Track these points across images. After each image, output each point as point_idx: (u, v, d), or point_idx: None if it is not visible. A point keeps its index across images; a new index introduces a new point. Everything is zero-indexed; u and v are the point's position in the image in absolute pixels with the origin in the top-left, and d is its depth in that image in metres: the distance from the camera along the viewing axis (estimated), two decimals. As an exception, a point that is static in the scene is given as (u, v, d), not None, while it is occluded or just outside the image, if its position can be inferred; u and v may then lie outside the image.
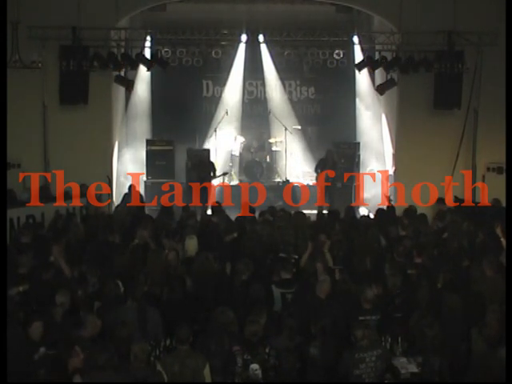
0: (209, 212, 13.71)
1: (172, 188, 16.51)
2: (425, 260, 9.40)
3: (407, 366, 6.72)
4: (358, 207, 16.59)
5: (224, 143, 17.50)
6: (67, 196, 13.66)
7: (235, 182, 17.57)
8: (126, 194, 15.21)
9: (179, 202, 15.63)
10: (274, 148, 17.73)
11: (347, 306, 7.90)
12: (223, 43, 16.34)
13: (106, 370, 6.26)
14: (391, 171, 16.52)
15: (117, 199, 15.37)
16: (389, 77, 15.42)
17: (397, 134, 15.90)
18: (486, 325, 7.00)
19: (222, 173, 16.00)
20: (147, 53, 15.60)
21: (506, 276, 8.15)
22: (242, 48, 16.71)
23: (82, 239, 10.65)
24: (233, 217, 12.07)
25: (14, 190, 13.28)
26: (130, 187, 15.31)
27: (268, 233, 10.71)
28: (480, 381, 6.61)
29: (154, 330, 7.49)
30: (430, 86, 15.00)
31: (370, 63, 15.38)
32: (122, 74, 15.48)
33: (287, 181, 17.34)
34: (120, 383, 6.31)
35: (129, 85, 15.99)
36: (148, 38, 15.64)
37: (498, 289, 8.14)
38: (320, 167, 15.36)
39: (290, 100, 18.00)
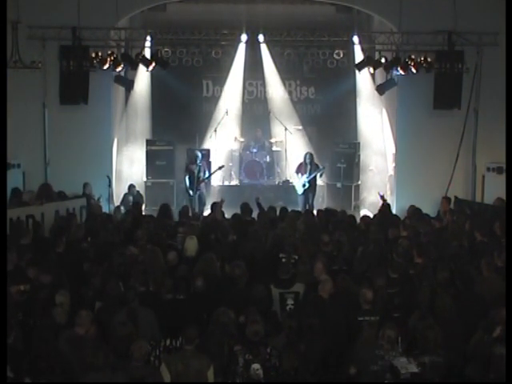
0: (207, 213, 13.74)
1: (172, 188, 16.59)
2: (425, 260, 9.39)
3: (407, 366, 6.70)
4: (358, 208, 16.66)
5: (224, 143, 17.50)
6: (67, 196, 13.65)
7: (235, 182, 17.59)
8: (125, 193, 15.26)
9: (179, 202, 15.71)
10: (274, 148, 17.74)
11: (348, 306, 7.91)
12: (223, 43, 16.31)
13: (103, 370, 6.28)
14: (391, 171, 16.53)
15: (117, 199, 15.38)
16: (389, 77, 15.43)
17: (397, 134, 15.89)
18: (488, 326, 7.03)
19: (217, 167, 15.93)
20: (147, 53, 15.59)
21: (506, 276, 8.15)
22: (242, 48, 16.68)
23: (83, 239, 10.66)
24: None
25: (19, 189, 13.34)
26: (130, 187, 15.37)
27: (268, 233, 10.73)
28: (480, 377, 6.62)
29: (148, 330, 7.45)
30: (429, 86, 14.98)
31: (370, 63, 15.37)
32: (122, 74, 15.50)
33: (287, 181, 17.36)
34: (119, 383, 6.32)
35: (129, 85, 16.00)
36: (148, 37, 15.61)
37: (496, 289, 8.15)
38: (297, 171, 15.42)
39: (290, 100, 17.99)
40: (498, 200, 13.49)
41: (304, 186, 15.15)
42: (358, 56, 16.08)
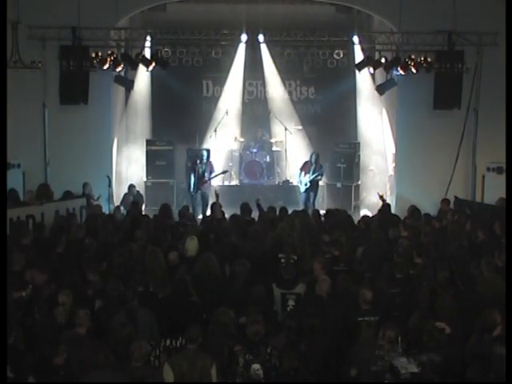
0: (208, 213, 13.74)
1: (172, 188, 16.59)
2: (425, 260, 9.39)
3: (407, 366, 6.70)
4: (358, 208, 16.66)
5: (224, 143, 17.50)
6: (67, 196, 13.65)
7: (235, 182, 17.59)
8: (125, 193, 15.27)
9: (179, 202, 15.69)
10: (274, 148, 17.74)
11: (347, 307, 7.91)
12: (223, 43, 16.31)
13: (103, 369, 6.28)
14: (391, 171, 16.53)
15: (117, 199, 15.38)
16: (389, 77, 15.43)
17: (397, 134, 15.91)
18: (486, 325, 7.03)
19: (221, 171, 15.95)
20: (147, 53, 15.59)
21: (506, 276, 8.15)
22: (242, 48, 16.68)
23: (83, 239, 10.65)
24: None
25: (16, 189, 13.32)
26: (130, 187, 15.37)
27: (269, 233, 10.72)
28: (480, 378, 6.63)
29: (147, 330, 7.45)
30: (429, 86, 14.99)
31: (370, 63, 15.38)
32: (122, 74, 15.50)
33: (287, 181, 17.37)
34: (119, 383, 6.32)
35: (129, 85, 16.01)
36: (148, 37, 15.62)
37: (497, 289, 8.15)
38: (302, 169, 15.49)
39: (290, 100, 17.99)
40: (501, 200, 13.47)
41: (306, 184, 15.23)
42: (358, 56, 16.09)
